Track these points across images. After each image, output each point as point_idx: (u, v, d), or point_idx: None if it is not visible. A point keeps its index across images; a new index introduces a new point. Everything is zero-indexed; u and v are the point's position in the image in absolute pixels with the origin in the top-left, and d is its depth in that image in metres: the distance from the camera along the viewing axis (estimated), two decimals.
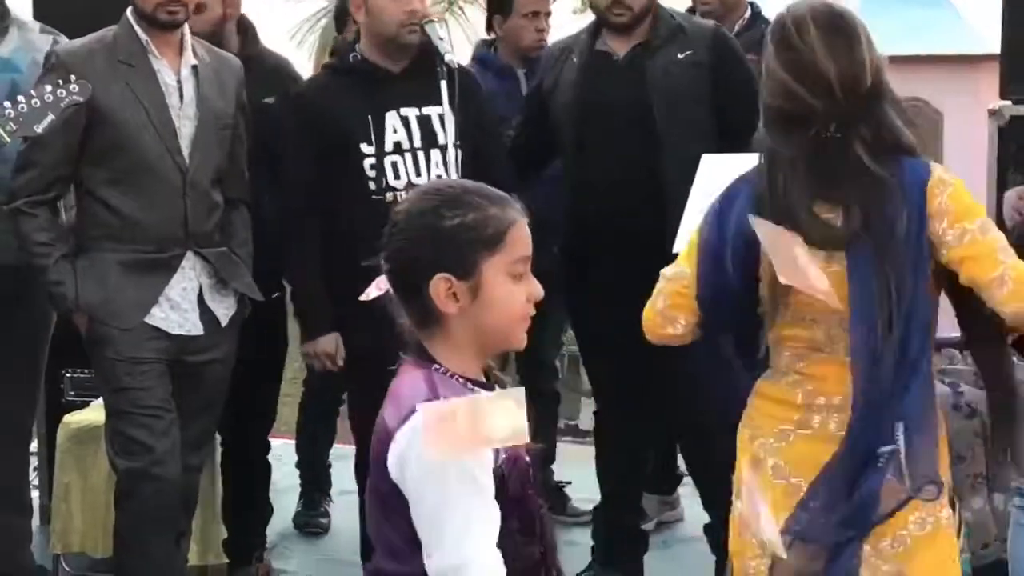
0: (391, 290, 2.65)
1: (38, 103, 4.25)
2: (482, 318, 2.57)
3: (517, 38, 6.20)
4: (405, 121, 4.83)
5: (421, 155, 4.81)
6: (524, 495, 2.62)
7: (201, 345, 4.73)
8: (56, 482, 5.72)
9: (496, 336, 2.62)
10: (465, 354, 2.61)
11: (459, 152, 4.78)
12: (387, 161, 4.79)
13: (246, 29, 5.51)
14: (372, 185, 4.77)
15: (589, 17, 5.47)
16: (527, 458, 2.63)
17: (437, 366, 2.57)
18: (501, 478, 2.52)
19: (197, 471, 5.03)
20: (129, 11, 4.63)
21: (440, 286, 2.54)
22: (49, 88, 4.27)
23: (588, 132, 5.06)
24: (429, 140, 4.82)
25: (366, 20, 4.79)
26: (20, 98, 4.29)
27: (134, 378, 4.60)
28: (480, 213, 2.58)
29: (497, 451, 2.50)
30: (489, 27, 6.47)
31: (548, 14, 6.38)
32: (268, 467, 5.88)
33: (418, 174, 4.80)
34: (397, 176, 4.79)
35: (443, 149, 4.80)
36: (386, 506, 2.56)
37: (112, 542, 4.89)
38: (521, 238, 2.60)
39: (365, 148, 4.79)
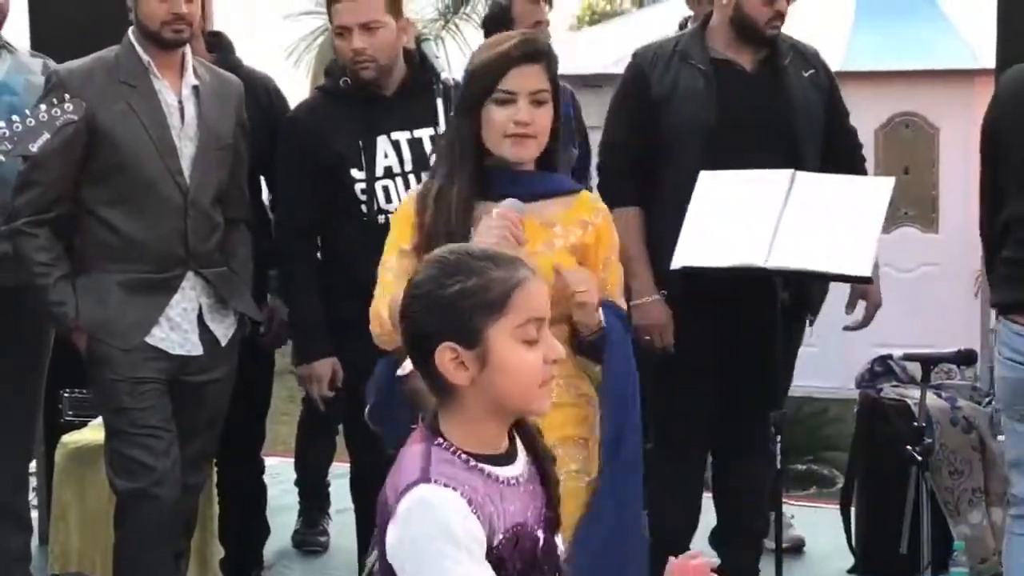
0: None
1: (32, 122, 4.25)
2: (496, 386, 2.50)
3: None
4: (396, 145, 4.80)
5: (412, 179, 4.77)
6: (531, 572, 2.56)
7: (201, 365, 4.73)
8: (54, 502, 5.75)
9: (513, 403, 2.55)
10: (481, 425, 2.54)
11: None
12: (378, 186, 4.76)
13: (221, 44, 5.51)
14: (364, 208, 4.75)
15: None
16: (538, 531, 2.57)
17: (440, 440, 2.51)
18: (500, 560, 2.47)
19: (196, 491, 5.05)
20: (131, 31, 4.65)
21: (445, 356, 2.48)
22: (44, 108, 4.27)
23: (720, 145, 4.92)
24: (420, 163, 4.77)
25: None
26: (15, 118, 4.29)
27: (134, 398, 4.60)
28: (481, 278, 2.50)
29: (494, 531, 2.46)
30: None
31: (548, 23, 6.41)
32: (262, 486, 5.89)
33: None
34: (389, 200, 4.75)
35: None
36: None
37: (111, 562, 4.87)
38: (530, 298, 2.52)
39: (356, 173, 4.77)
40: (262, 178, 5.38)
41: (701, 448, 5.38)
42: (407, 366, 2.67)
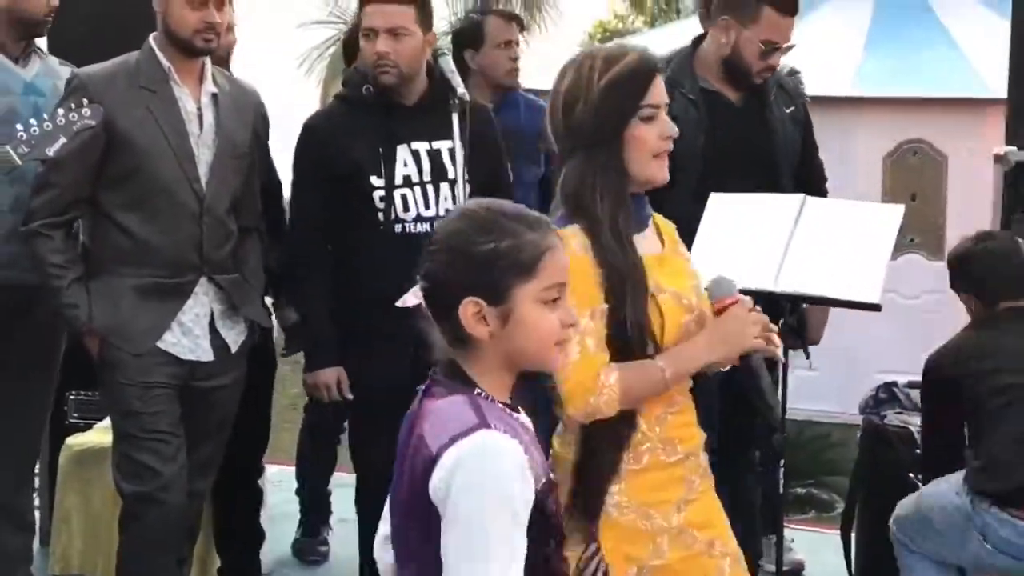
0: (424, 305, 2.63)
1: (50, 126, 4.28)
2: (514, 343, 2.57)
3: (492, 70, 6.21)
4: (416, 155, 4.81)
5: (430, 188, 4.80)
6: (558, 515, 2.64)
7: (211, 371, 4.74)
8: (57, 503, 5.76)
9: (528, 360, 2.61)
10: (495, 376, 2.59)
11: (468, 187, 4.79)
12: (396, 194, 4.77)
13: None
14: (381, 216, 4.76)
15: None
16: (552, 475, 2.64)
17: (479, 390, 2.55)
18: (542, 504, 2.52)
19: (202, 497, 5.06)
20: (152, 37, 4.66)
21: (469, 309, 2.53)
22: (62, 112, 4.31)
23: (709, 175, 4.93)
24: (439, 174, 4.80)
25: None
26: (33, 121, 4.33)
27: (144, 403, 4.61)
28: (515, 240, 2.56)
29: (537, 478, 2.51)
30: (458, 63, 6.45)
31: (518, 43, 6.42)
32: (259, 493, 5.88)
33: (427, 207, 4.79)
34: (407, 208, 4.77)
35: (452, 183, 4.80)
36: (429, 527, 2.50)
37: (113, 566, 4.86)
38: (556, 264, 2.58)
39: (375, 181, 4.77)
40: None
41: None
42: (408, 299, 2.65)
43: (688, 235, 4.41)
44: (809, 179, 5.33)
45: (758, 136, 5.04)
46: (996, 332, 4.97)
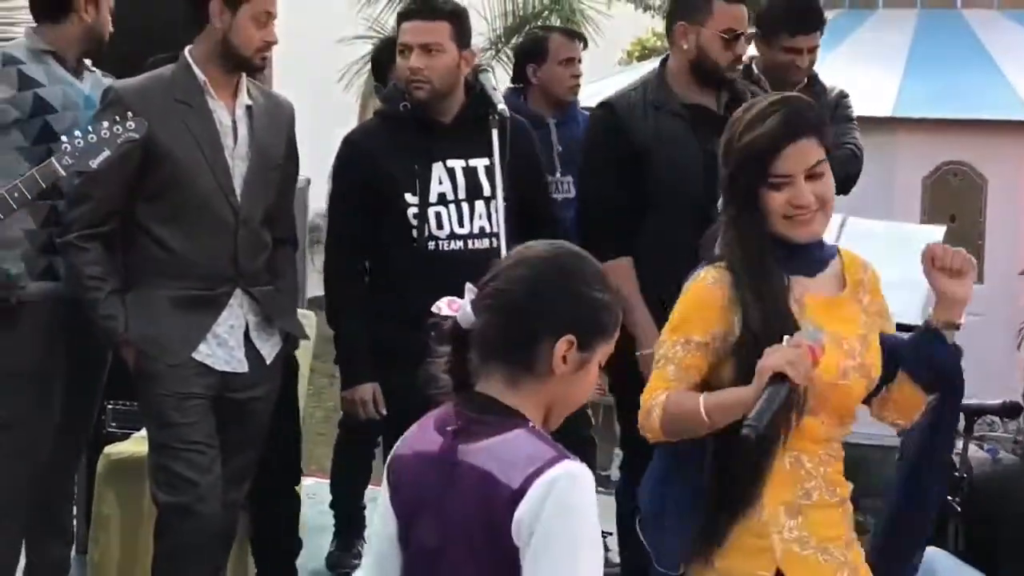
0: (473, 317, 2.55)
1: (95, 138, 4.29)
2: (570, 390, 2.57)
3: (553, 85, 6.33)
4: (451, 173, 4.83)
5: (465, 206, 4.82)
6: None
7: (245, 382, 4.75)
8: (95, 513, 5.74)
9: (562, 410, 2.60)
10: (537, 412, 2.55)
11: (505, 204, 4.79)
12: (431, 211, 4.79)
13: None
14: (414, 233, 4.77)
15: (633, 69, 5.49)
16: None
17: (532, 423, 2.52)
18: None
19: (236, 507, 5.05)
20: (187, 51, 4.67)
21: (563, 347, 2.50)
22: (106, 124, 4.32)
23: (712, 187, 4.91)
24: (473, 192, 4.82)
25: None
26: (77, 133, 4.34)
27: (180, 413, 4.62)
28: (612, 299, 2.59)
29: None
30: (520, 75, 6.54)
31: (580, 60, 6.48)
32: (297, 500, 5.87)
33: (461, 225, 4.82)
34: (440, 227, 4.79)
35: (487, 200, 4.81)
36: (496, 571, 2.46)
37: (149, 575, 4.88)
38: (615, 335, 2.61)
39: (409, 198, 4.79)
40: None
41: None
42: (446, 308, 2.58)
43: (694, 259, 4.38)
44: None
45: None
46: None
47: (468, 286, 2.59)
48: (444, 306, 2.59)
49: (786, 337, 3.02)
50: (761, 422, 2.91)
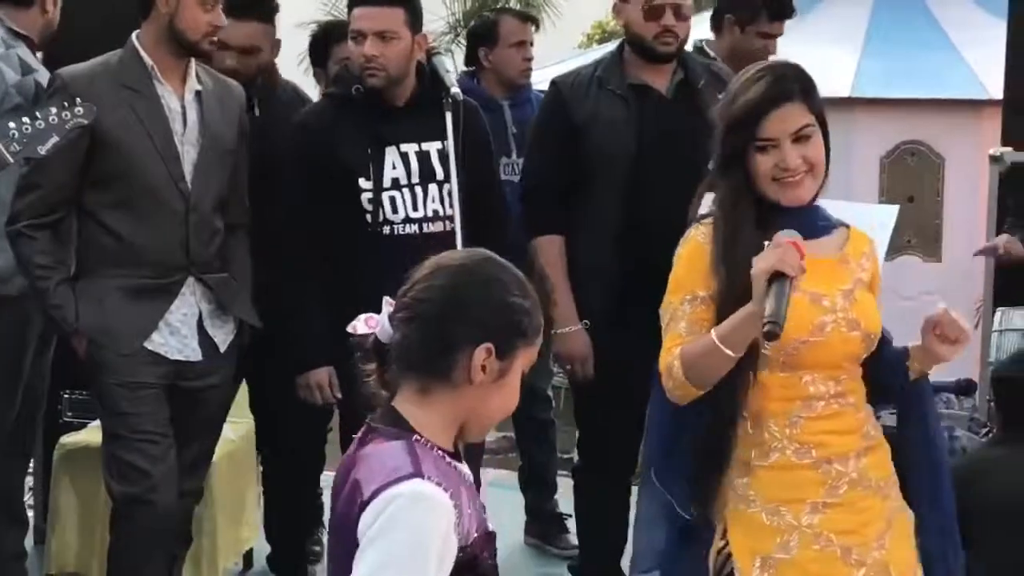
0: (391, 330, 2.52)
1: (43, 124, 4.22)
2: (489, 402, 2.53)
3: (505, 68, 6.35)
4: (404, 157, 4.80)
5: (419, 190, 4.79)
6: (494, 568, 2.59)
7: (199, 371, 4.70)
8: (52, 502, 5.71)
9: (482, 422, 2.57)
10: (447, 424, 2.52)
11: (452, 189, 4.77)
12: (385, 196, 4.77)
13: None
14: (369, 218, 4.75)
15: (592, 52, 5.47)
16: (488, 524, 2.58)
17: (418, 436, 2.47)
18: (474, 557, 2.47)
19: (192, 496, 4.99)
20: (135, 36, 4.62)
21: (481, 355, 2.46)
22: (54, 110, 4.25)
23: (639, 171, 4.94)
24: (427, 175, 4.80)
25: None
26: (25, 119, 4.26)
27: (132, 403, 4.57)
28: (533, 304, 2.53)
29: (469, 530, 2.46)
30: (472, 59, 6.55)
31: (532, 43, 6.50)
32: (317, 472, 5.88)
33: (415, 209, 4.79)
34: (395, 211, 4.77)
35: (440, 184, 4.80)
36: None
37: (108, 563, 4.82)
38: (540, 337, 2.57)
39: (363, 183, 4.77)
40: None
41: (625, 471, 5.28)
42: (358, 326, 2.57)
43: (629, 233, 4.32)
44: None
45: (689, 126, 4.85)
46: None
47: (386, 299, 2.55)
48: (361, 324, 2.56)
49: (766, 243, 3.11)
50: (779, 317, 2.98)
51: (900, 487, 3.45)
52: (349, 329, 2.57)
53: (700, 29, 6.22)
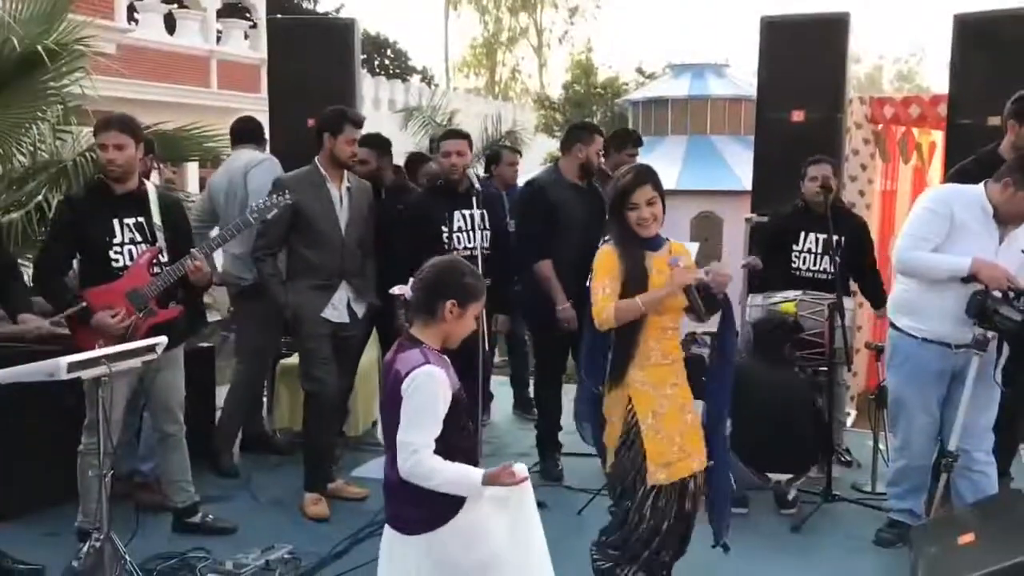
0: (411, 293, 2.55)
1: (268, 203, 4.18)
2: (455, 328, 2.54)
3: (504, 176, 6.42)
4: (463, 216, 4.72)
5: (473, 233, 4.70)
6: (469, 409, 2.59)
7: (347, 328, 4.60)
8: (275, 394, 5.67)
9: (455, 337, 2.56)
10: (438, 339, 2.54)
11: (487, 232, 4.75)
12: (455, 236, 4.69)
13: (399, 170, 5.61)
14: (446, 246, 4.64)
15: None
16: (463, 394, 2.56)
17: (426, 346, 2.50)
18: (457, 398, 2.48)
19: (346, 389, 4.92)
20: (316, 159, 4.51)
21: (450, 306, 2.51)
22: (275, 197, 4.21)
23: (572, 225, 4.84)
24: (474, 226, 4.71)
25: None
26: (260, 201, 4.22)
27: (315, 342, 4.48)
28: (476, 282, 2.57)
29: (454, 385, 2.49)
30: (488, 170, 6.55)
31: (517, 163, 6.47)
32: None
33: (471, 241, 4.69)
34: (460, 243, 4.68)
35: (482, 231, 4.71)
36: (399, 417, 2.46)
37: (302, 424, 4.73)
38: (481, 301, 2.59)
39: (444, 229, 4.68)
40: None
41: (560, 378, 5.12)
42: (395, 290, 2.59)
43: (583, 268, 4.21)
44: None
45: (592, 205, 4.87)
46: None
47: (412, 278, 2.58)
48: (397, 290, 2.59)
49: (673, 264, 3.08)
50: (703, 309, 3.04)
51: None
52: (396, 292, 2.58)
53: None
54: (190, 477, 4.25)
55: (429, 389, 2.40)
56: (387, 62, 30.82)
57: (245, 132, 5.26)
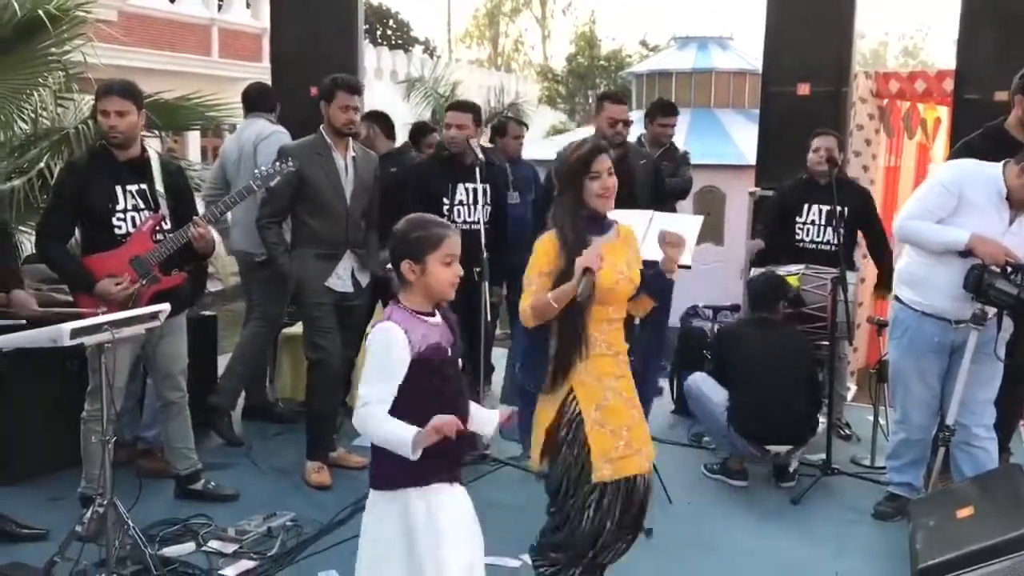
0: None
1: (272, 171, 4.16)
2: (429, 283, 2.49)
3: (509, 148, 6.23)
4: (466, 190, 4.71)
5: (475, 206, 4.69)
6: (443, 369, 2.51)
7: (351, 297, 4.59)
8: (278, 362, 5.68)
9: (436, 292, 2.51)
10: (418, 298, 2.52)
11: (489, 207, 4.73)
12: (455, 208, 4.68)
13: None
14: (446, 218, 4.63)
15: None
16: (446, 347, 2.51)
17: (400, 304, 2.51)
18: (425, 359, 2.45)
19: (350, 361, 4.91)
20: (321, 127, 4.49)
21: (406, 266, 2.50)
22: (279, 164, 4.19)
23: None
24: (476, 199, 4.70)
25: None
26: (263, 167, 4.20)
27: (319, 311, 4.48)
28: (427, 231, 2.50)
29: (420, 345, 2.45)
30: (493, 141, 6.50)
31: (523, 136, 6.36)
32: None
33: (471, 215, 4.68)
34: (460, 215, 4.67)
35: (484, 205, 4.70)
36: None
37: (305, 393, 4.72)
38: (449, 244, 2.50)
39: (445, 201, 4.68)
40: None
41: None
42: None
43: None
44: (660, 199, 5.15)
45: (626, 176, 4.82)
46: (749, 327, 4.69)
47: None
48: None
49: (585, 251, 2.82)
50: (587, 291, 2.77)
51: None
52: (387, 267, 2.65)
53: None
54: (192, 444, 4.26)
55: (381, 345, 2.43)
56: (389, 32, 30.59)
57: (258, 100, 5.24)
